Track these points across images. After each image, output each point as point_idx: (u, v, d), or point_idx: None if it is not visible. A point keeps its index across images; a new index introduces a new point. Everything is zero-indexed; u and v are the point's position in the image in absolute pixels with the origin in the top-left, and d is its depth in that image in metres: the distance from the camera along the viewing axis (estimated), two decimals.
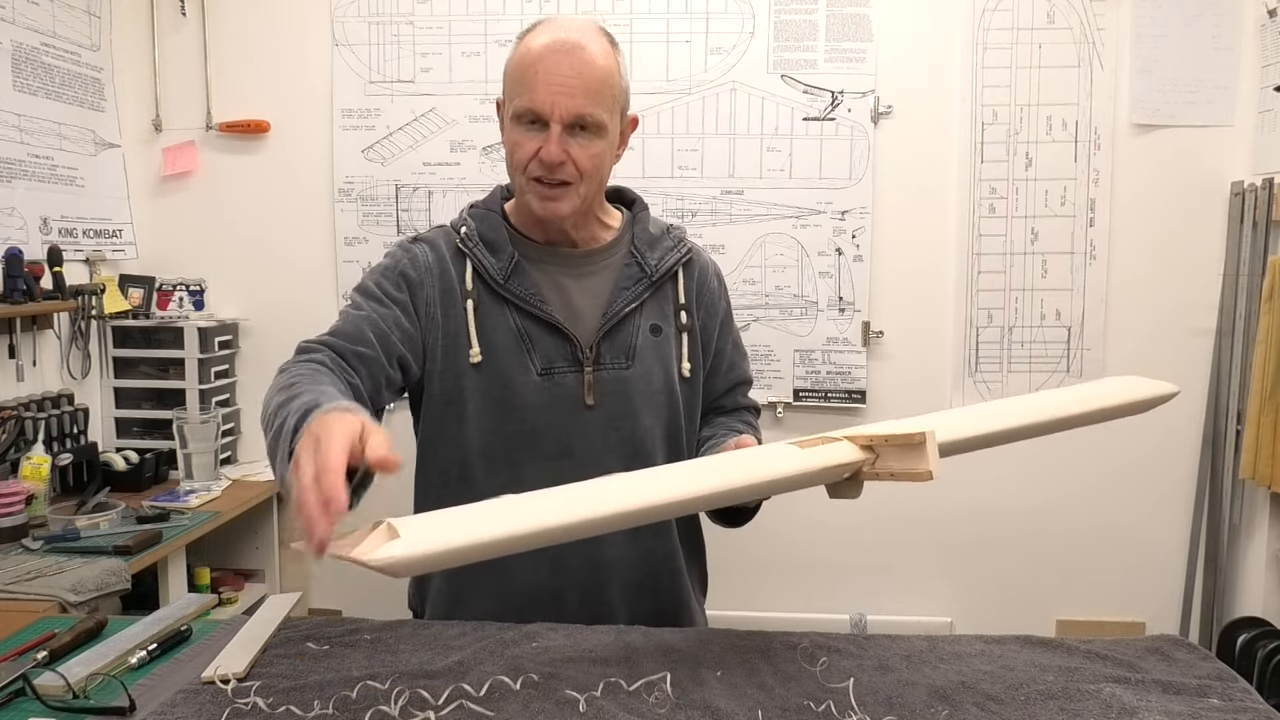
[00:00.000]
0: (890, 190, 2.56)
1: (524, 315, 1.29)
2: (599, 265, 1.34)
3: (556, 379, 1.28)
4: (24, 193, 2.21)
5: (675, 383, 1.34)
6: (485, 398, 1.28)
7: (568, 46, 1.21)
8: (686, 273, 1.37)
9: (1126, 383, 1.23)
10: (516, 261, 1.30)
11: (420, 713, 0.94)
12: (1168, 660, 1.12)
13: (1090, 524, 2.59)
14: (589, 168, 1.24)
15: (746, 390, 1.48)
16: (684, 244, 1.38)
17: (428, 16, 2.57)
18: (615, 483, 0.91)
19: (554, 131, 1.21)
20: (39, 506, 2.01)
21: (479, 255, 1.30)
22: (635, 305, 1.32)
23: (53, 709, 0.96)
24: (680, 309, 1.35)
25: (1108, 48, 2.49)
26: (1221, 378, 2.50)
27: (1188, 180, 2.51)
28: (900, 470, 0.93)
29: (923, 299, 2.58)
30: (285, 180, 2.64)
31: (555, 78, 1.20)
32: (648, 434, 1.31)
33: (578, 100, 1.20)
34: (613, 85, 1.24)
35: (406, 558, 0.73)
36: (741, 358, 1.47)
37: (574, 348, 1.29)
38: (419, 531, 0.76)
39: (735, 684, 1.02)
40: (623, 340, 1.31)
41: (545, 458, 1.28)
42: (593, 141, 1.24)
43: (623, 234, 1.37)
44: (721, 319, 1.41)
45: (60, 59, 2.33)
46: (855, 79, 2.53)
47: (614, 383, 1.30)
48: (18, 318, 2.15)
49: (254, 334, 2.69)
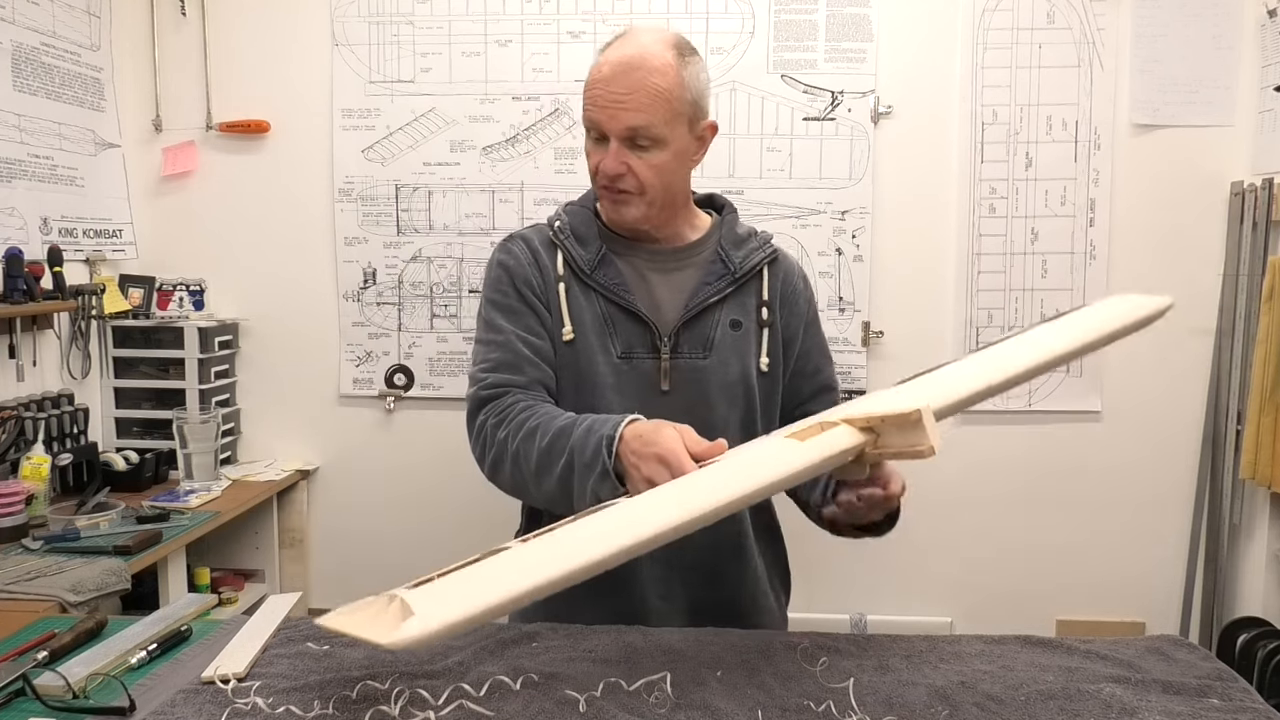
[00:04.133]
0: (890, 190, 2.56)
1: (608, 303, 1.34)
2: (686, 261, 1.39)
3: (635, 363, 1.34)
4: (24, 193, 2.21)
5: (753, 376, 1.36)
6: (574, 374, 1.34)
7: (626, 65, 1.26)
8: (771, 272, 1.40)
9: (1119, 303, 1.21)
10: (604, 254, 1.36)
11: (420, 713, 0.94)
12: (1168, 660, 1.12)
13: (1090, 524, 2.59)
14: (649, 178, 1.29)
15: (834, 398, 1.46)
16: (769, 246, 1.42)
17: (428, 16, 2.57)
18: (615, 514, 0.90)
19: (612, 146, 1.28)
20: (39, 506, 2.01)
21: (569, 246, 1.36)
22: (717, 299, 1.36)
23: (53, 709, 0.96)
24: (762, 305, 1.39)
25: (1108, 48, 2.49)
26: (1221, 378, 2.50)
27: (1188, 180, 2.51)
28: (902, 448, 0.93)
29: (923, 299, 2.58)
30: (285, 180, 2.64)
31: (611, 95, 1.26)
32: (722, 423, 1.33)
33: (630, 115, 1.26)
34: (672, 99, 1.27)
35: (423, 636, 0.71)
36: (827, 362, 1.48)
37: (653, 335, 1.34)
38: (433, 606, 0.73)
39: (735, 684, 1.02)
40: (702, 332, 1.35)
41: None
42: (652, 154, 1.28)
43: (711, 234, 1.42)
44: (806, 320, 1.44)
45: (60, 59, 2.33)
46: (855, 79, 2.53)
47: (690, 371, 1.34)
48: (18, 318, 2.15)
49: (254, 334, 2.69)
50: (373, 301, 2.66)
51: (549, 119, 2.58)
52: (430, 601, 0.73)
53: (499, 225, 2.60)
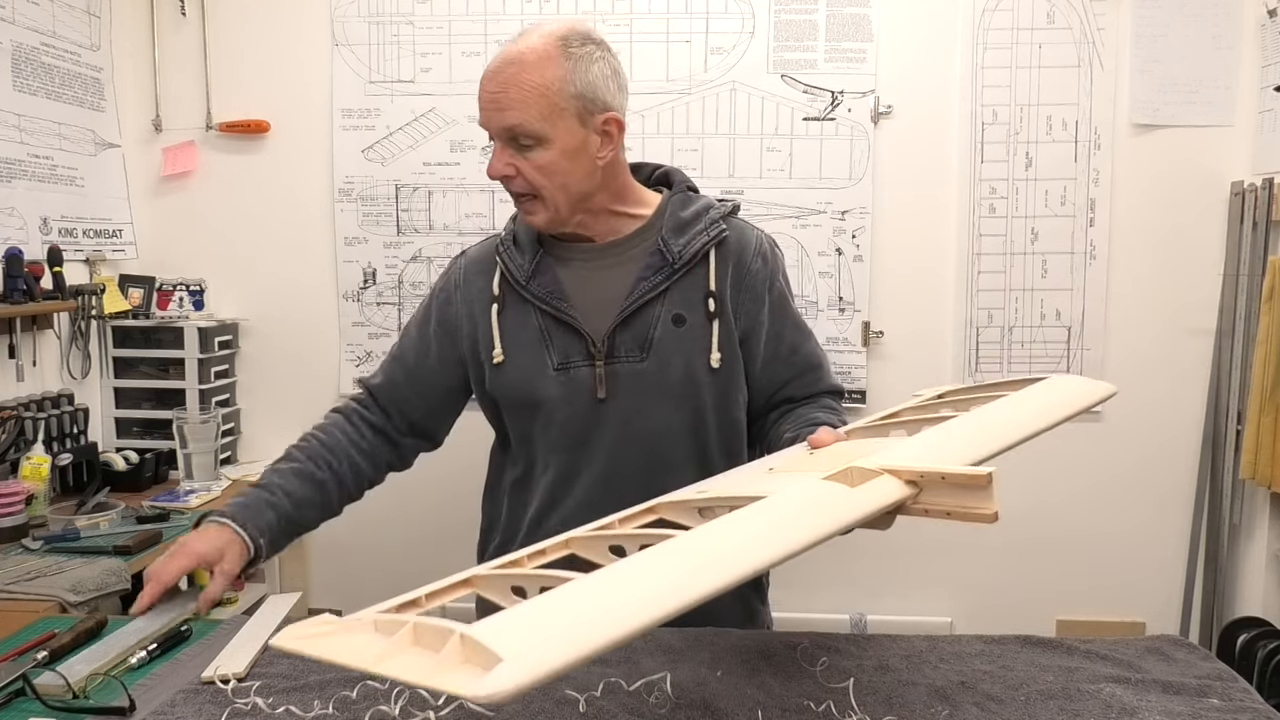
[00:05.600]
0: (890, 190, 2.56)
1: (543, 314, 1.31)
2: (623, 256, 1.33)
3: (571, 373, 1.30)
4: (24, 193, 2.21)
5: (700, 374, 1.30)
6: (512, 395, 1.33)
7: (503, 62, 1.24)
8: (719, 255, 1.31)
9: (1067, 386, 1.17)
10: (540, 260, 1.33)
11: (420, 713, 0.94)
12: (1168, 660, 1.12)
13: (1090, 524, 2.59)
14: (537, 180, 1.25)
15: (820, 375, 1.39)
16: (716, 225, 1.32)
17: (428, 16, 2.57)
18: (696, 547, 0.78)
19: (495, 147, 1.26)
20: (39, 506, 2.01)
21: (508, 258, 1.35)
22: (654, 295, 1.29)
23: (53, 709, 0.96)
24: (709, 296, 1.30)
25: (1108, 48, 2.49)
26: (1221, 378, 2.50)
27: (1188, 180, 2.51)
28: (956, 508, 0.86)
29: (923, 299, 2.58)
30: (285, 180, 2.64)
31: (487, 94, 1.24)
32: (664, 427, 1.30)
33: (503, 115, 1.22)
34: (550, 94, 1.21)
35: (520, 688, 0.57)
36: (805, 339, 1.39)
37: (586, 342, 1.30)
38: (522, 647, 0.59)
39: (735, 684, 1.02)
40: (639, 332, 1.29)
41: (565, 449, 1.31)
42: (536, 153, 1.24)
43: (654, 220, 1.34)
44: (771, 301, 1.34)
45: (60, 59, 2.33)
46: (855, 79, 2.53)
47: (628, 376, 1.29)
48: (18, 318, 2.14)
49: (254, 334, 2.69)
50: (373, 301, 2.66)
51: None
52: (515, 642, 0.60)
53: (499, 225, 2.58)
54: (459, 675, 0.59)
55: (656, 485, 1.12)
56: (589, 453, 1.30)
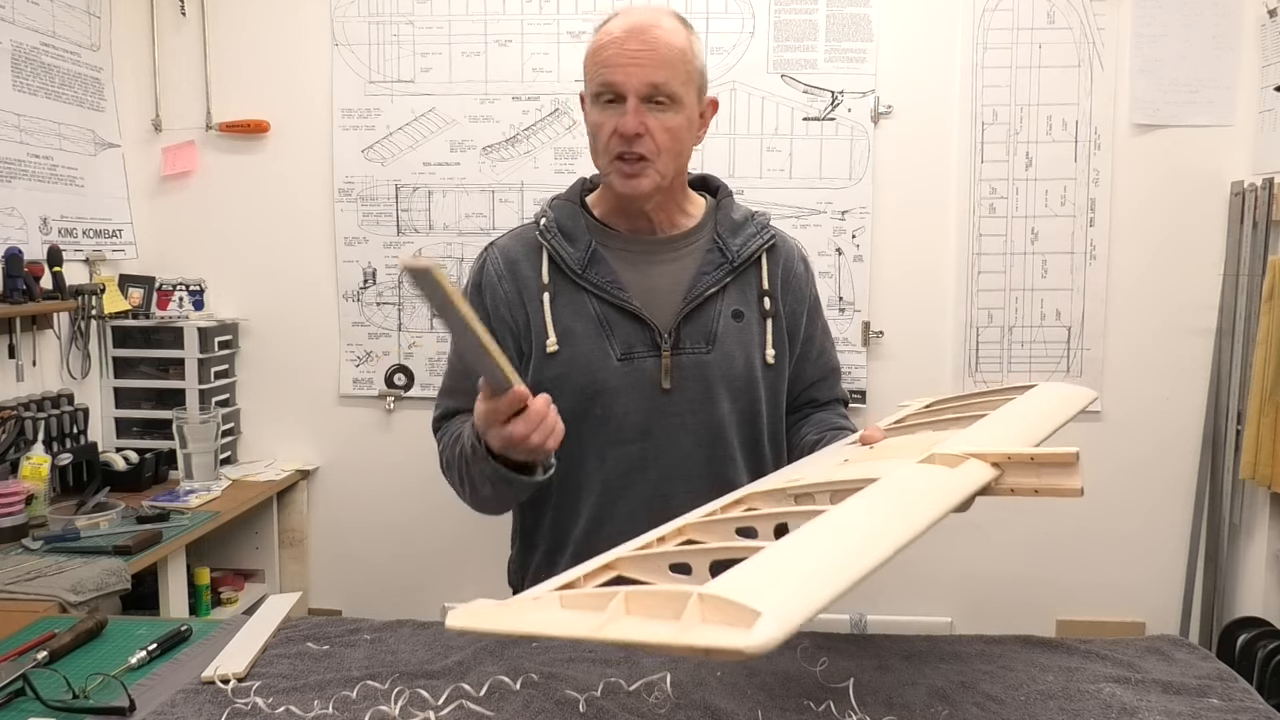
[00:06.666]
0: (890, 190, 2.56)
1: (603, 302, 1.31)
2: (681, 251, 1.35)
3: (636, 363, 1.31)
4: (24, 193, 2.21)
5: (757, 369, 1.34)
6: (568, 384, 1.30)
7: (641, 26, 1.26)
8: (770, 259, 1.37)
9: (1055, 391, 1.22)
10: (594, 250, 1.32)
11: (420, 713, 0.94)
12: (1168, 660, 1.12)
13: (1090, 524, 2.59)
14: (665, 141, 1.26)
15: (838, 380, 1.48)
16: (767, 230, 1.39)
17: (428, 16, 2.57)
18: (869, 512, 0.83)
19: (630, 104, 1.24)
20: (39, 506, 2.01)
21: (556, 246, 1.33)
22: (717, 290, 1.33)
23: (53, 709, 0.96)
24: (764, 295, 1.36)
25: (1108, 48, 2.49)
26: (1221, 378, 2.50)
27: (1188, 180, 2.51)
28: (1045, 487, 0.91)
29: (923, 299, 2.58)
30: (285, 180, 2.64)
31: (629, 53, 1.24)
32: (726, 417, 1.32)
33: (649, 70, 1.24)
34: (687, 60, 1.27)
35: (784, 635, 0.58)
36: (831, 345, 1.48)
37: (652, 333, 1.31)
38: (774, 599, 0.60)
39: (735, 684, 1.02)
40: (703, 325, 1.32)
41: (625, 441, 1.31)
42: (668, 114, 1.26)
43: (705, 220, 1.38)
44: (810, 305, 1.42)
45: (60, 59, 2.33)
46: (855, 79, 2.53)
47: (693, 367, 1.31)
48: (18, 318, 2.15)
49: (254, 334, 2.69)
50: (373, 301, 2.66)
51: (549, 119, 2.58)
52: (763, 595, 0.61)
53: (499, 225, 2.60)
54: (717, 632, 0.59)
55: (719, 474, 1.17)
56: (653, 444, 1.31)
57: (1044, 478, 0.91)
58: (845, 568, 0.67)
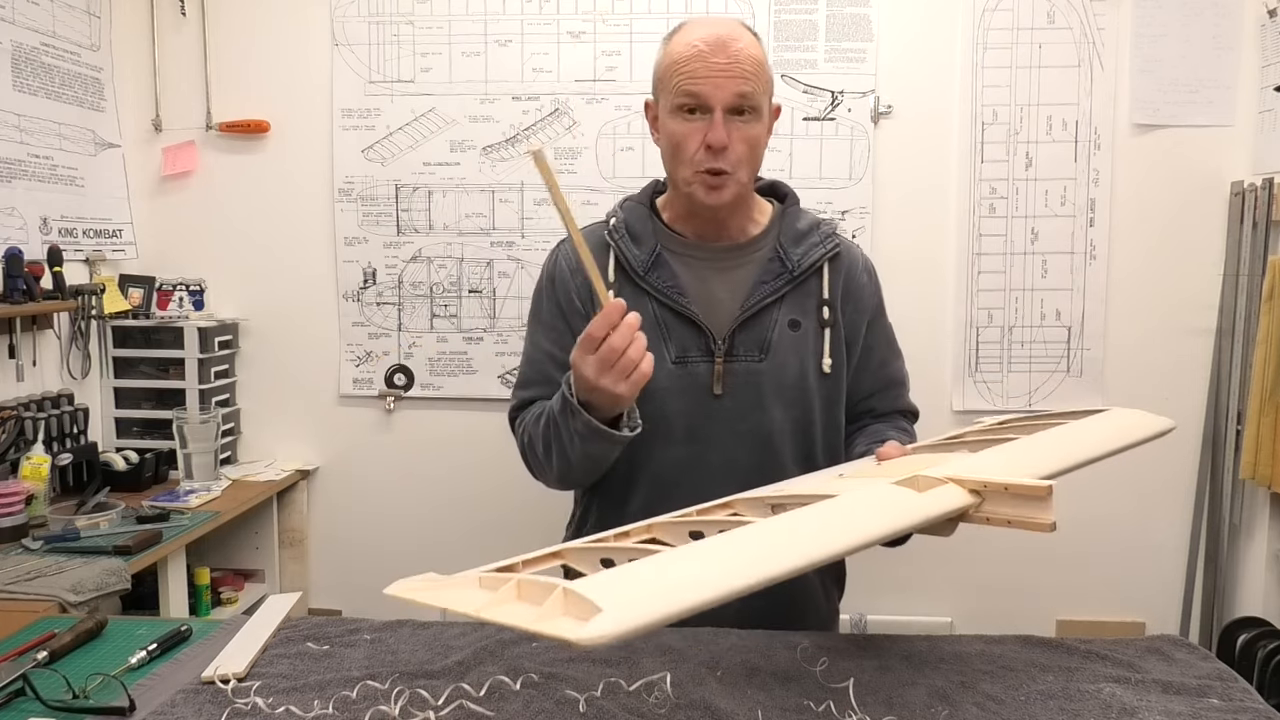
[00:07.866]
0: (890, 190, 2.56)
1: (662, 306, 1.33)
2: (743, 259, 1.36)
3: (689, 367, 1.32)
4: (24, 193, 2.21)
5: (811, 378, 1.34)
6: None
7: (723, 39, 1.27)
8: (833, 268, 1.37)
9: (1127, 418, 1.25)
10: (658, 254, 1.34)
11: (420, 713, 0.94)
12: (1168, 660, 1.12)
13: (1090, 524, 2.59)
14: (745, 152, 1.28)
15: (901, 392, 1.46)
16: (831, 239, 1.38)
17: (428, 16, 2.57)
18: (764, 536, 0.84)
19: (717, 116, 1.25)
20: (39, 506, 2.01)
21: (623, 247, 1.35)
22: (774, 299, 1.33)
23: (53, 709, 0.96)
24: (823, 304, 1.36)
25: (1108, 48, 2.49)
26: (1221, 378, 2.50)
27: (1188, 180, 2.51)
28: (1018, 518, 0.93)
29: (923, 299, 2.58)
30: (285, 180, 2.64)
31: (715, 65, 1.25)
32: (777, 426, 1.33)
33: (738, 83, 1.25)
34: (765, 71, 1.29)
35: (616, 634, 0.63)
36: (894, 356, 1.46)
37: (707, 338, 1.32)
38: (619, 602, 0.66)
39: (735, 684, 1.02)
40: (758, 333, 1.33)
41: (675, 442, 1.32)
42: (751, 125, 1.28)
43: (770, 228, 1.39)
44: (871, 315, 1.42)
45: (60, 59, 2.33)
46: (855, 79, 2.53)
47: (745, 374, 1.32)
48: (18, 318, 2.15)
49: (254, 334, 2.69)
50: (373, 301, 2.66)
51: (549, 119, 2.57)
52: (613, 596, 0.66)
53: (499, 225, 2.60)
54: (562, 622, 0.66)
55: (769, 482, 1.18)
56: (702, 447, 1.32)
57: (1018, 509, 0.93)
58: (710, 584, 0.70)
